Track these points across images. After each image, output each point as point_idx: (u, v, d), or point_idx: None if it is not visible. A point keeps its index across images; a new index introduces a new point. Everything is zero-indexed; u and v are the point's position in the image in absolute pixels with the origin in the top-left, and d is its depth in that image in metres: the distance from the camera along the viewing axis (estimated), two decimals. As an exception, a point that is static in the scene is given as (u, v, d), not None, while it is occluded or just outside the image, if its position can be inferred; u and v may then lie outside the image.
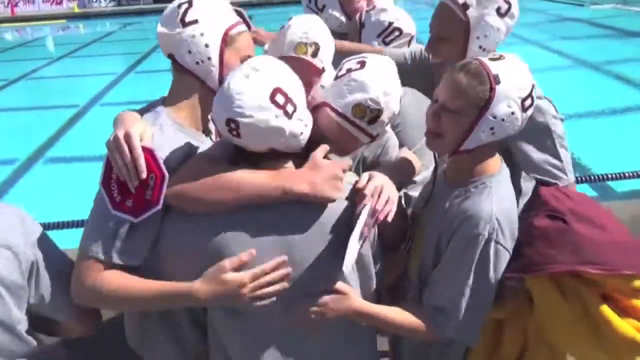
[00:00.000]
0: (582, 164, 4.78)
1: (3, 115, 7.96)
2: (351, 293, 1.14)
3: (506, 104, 1.13)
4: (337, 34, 2.03)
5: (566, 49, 9.10)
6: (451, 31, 1.38)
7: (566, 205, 1.26)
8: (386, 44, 1.78)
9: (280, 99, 1.01)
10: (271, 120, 1.00)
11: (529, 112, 1.17)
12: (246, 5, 19.64)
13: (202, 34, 1.17)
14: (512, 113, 1.13)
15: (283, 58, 1.38)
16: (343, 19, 2.00)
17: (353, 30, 1.76)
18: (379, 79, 1.18)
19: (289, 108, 1.02)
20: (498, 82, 1.12)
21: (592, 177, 4.00)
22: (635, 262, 1.12)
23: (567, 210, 1.23)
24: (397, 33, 1.72)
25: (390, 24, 1.72)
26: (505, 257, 1.18)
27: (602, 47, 9.58)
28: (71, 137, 6.36)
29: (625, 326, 1.10)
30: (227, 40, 1.20)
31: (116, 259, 1.10)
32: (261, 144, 1.05)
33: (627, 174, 3.75)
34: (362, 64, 1.19)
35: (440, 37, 1.42)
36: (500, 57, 1.17)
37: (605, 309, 1.11)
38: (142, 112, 1.24)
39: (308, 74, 1.36)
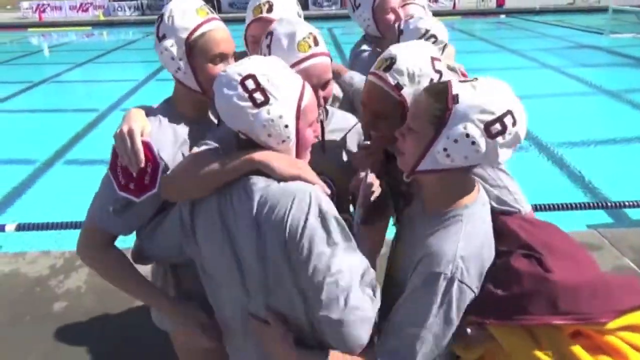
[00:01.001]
0: (598, 191, 4.74)
1: (26, 117, 8.17)
2: (280, 333, 1.12)
3: (462, 126, 1.07)
4: (373, 37, 2.21)
5: (585, 76, 9.09)
6: (387, 110, 1.35)
7: (538, 237, 1.18)
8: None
9: (250, 84, 1.08)
10: (234, 99, 1.08)
11: (500, 139, 1.07)
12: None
13: (169, 48, 1.31)
14: (467, 135, 1.06)
15: (249, 25, 1.69)
16: (370, 22, 2.18)
17: (392, 36, 1.87)
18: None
19: (257, 96, 1.08)
20: (456, 102, 1.08)
21: (609, 204, 3.98)
22: (609, 306, 1.06)
23: (542, 245, 1.15)
24: (432, 40, 1.80)
25: (427, 30, 1.81)
26: (469, 297, 1.11)
27: (621, 75, 9.55)
28: (91, 140, 6.50)
29: None
30: (189, 48, 1.31)
31: (109, 228, 1.33)
32: (229, 122, 1.14)
33: (644, 202, 3.74)
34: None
35: (376, 115, 1.39)
36: (473, 79, 1.12)
37: (578, 351, 1.04)
38: (152, 108, 1.43)
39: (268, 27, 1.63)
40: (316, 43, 1.36)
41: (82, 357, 2.47)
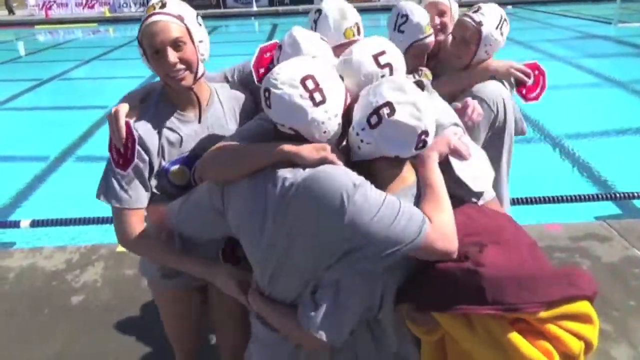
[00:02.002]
0: (607, 182, 4.74)
1: (35, 114, 8.25)
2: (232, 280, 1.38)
3: (354, 119, 1.21)
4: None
5: (593, 66, 9.03)
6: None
7: (484, 228, 1.23)
8: (502, 34, 2.08)
9: (310, 84, 1.14)
10: (295, 97, 1.13)
11: (379, 129, 1.15)
12: (272, 15, 19.87)
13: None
14: (353, 127, 1.20)
15: (336, 48, 1.53)
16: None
17: (473, 35, 1.98)
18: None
19: (317, 96, 1.14)
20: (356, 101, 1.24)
21: (617, 195, 3.98)
22: (535, 298, 1.08)
23: (485, 237, 1.20)
24: (505, 23, 2.04)
25: (501, 15, 2.01)
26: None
27: (630, 65, 9.47)
28: (100, 136, 6.56)
29: (532, 351, 1.08)
30: (141, 45, 1.41)
31: (125, 204, 1.45)
32: (285, 119, 1.18)
33: (653, 193, 3.74)
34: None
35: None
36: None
37: (514, 337, 1.09)
38: (152, 89, 1.55)
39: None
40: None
41: (99, 348, 2.53)
